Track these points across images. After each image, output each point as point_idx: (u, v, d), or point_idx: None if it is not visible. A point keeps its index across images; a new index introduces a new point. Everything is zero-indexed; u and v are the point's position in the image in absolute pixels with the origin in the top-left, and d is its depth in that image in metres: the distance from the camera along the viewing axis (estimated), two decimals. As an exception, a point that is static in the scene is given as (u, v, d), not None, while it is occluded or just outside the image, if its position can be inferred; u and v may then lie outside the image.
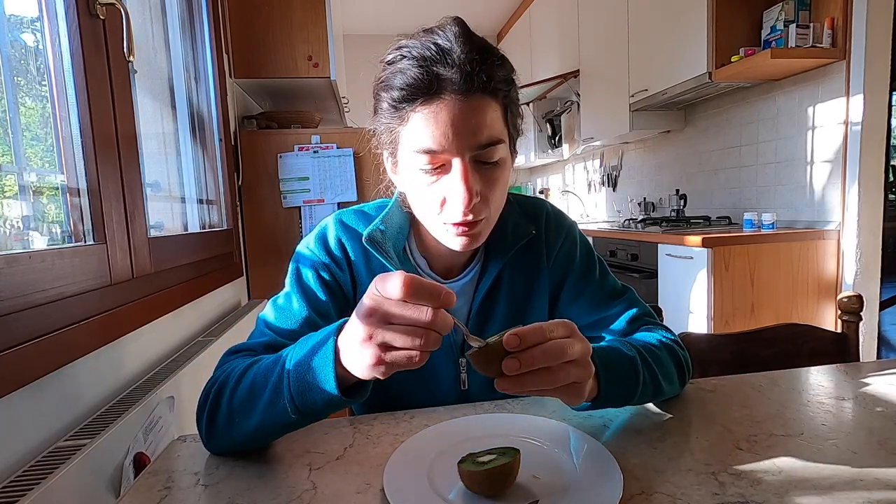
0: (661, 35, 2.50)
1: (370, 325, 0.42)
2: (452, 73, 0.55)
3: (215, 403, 0.55)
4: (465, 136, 0.56)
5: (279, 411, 0.50)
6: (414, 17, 4.64)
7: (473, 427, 0.59)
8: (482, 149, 0.58)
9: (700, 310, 2.00)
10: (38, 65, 0.84)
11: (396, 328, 0.42)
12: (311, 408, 0.49)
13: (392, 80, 0.58)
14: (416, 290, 0.41)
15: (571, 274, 0.75)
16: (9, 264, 0.64)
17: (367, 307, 0.43)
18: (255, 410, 0.51)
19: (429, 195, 0.60)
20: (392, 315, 0.42)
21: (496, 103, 0.59)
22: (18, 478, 0.60)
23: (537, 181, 5.31)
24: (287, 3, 1.97)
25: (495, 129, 0.58)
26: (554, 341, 0.45)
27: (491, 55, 0.58)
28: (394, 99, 0.58)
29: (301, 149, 1.97)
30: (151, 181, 1.26)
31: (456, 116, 0.55)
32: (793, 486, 0.45)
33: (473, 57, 0.55)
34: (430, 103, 0.56)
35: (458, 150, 0.57)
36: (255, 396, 0.51)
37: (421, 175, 0.60)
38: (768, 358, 1.01)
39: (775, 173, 2.28)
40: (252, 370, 0.54)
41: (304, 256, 0.70)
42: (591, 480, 0.47)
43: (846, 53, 1.90)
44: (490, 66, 0.57)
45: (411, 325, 0.41)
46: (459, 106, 0.56)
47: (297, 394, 0.49)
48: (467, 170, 0.57)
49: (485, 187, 0.60)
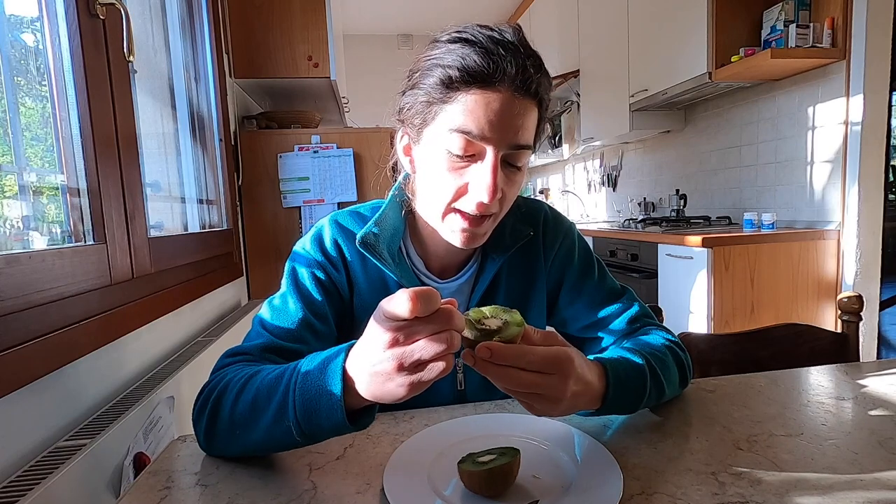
0: (661, 35, 2.50)
1: (398, 352, 0.41)
2: (514, 71, 0.56)
3: (214, 411, 0.54)
4: (508, 131, 0.57)
5: (283, 431, 0.49)
6: (414, 17, 4.64)
7: (473, 427, 0.59)
8: (516, 149, 0.59)
9: (700, 310, 2.00)
10: (38, 65, 0.84)
11: (425, 344, 0.41)
12: (316, 433, 0.48)
13: (449, 59, 0.58)
14: (426, 298, 0.40)
15: (570, 275, 0.75)
16: (9, 264, 0.64)
17: (390, 336, 0.41)
18: (258, 427, 0.50)
19: (449, 180, 0.60)
20: (418, 332, 0.41)
21: (538, 112, 0.61)
22: (18, 478, 0.60)
23: (537, 181, 5.31)
24: (287, 3, 1.97)
25: (530, 135, 0.61)
26: (523, 375, 0.45)
27: (544, 67, 0.60)
28: (448, 77, 0.57)
29: (301, 149, 1.97)
30: (151, 181, 1.26)
31: (505, 110, 0.57)
32: (793, 486, 0.45)
33: (534, 63, 0.58)
34: (485, 90, 0.57)
35: (497, 142, 0.58)
36: (259, 412, 0.50)
37: (447, 158, 0.60)
38: (768, 358, 1.01)
39: (775, 173, 2.28)
40: (254, 383, 0.52)
41: (300, 257, 0.70)
42: (591, 480, 0.47)
43: (846, 53, 1.90)
44: (543, 77, 0.59)
45: (437, 335, 0.41)
46: (512, 102, 0.57)
47: (303, 420, 0.47)
48: (498, 164, 0.58)
49: (504, 187, 0.61)
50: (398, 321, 0.41)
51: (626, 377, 0.56)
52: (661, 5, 2.49)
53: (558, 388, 0.47)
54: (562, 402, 0.48)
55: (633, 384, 0.57)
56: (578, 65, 3.51)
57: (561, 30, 3.79)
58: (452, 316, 0.41)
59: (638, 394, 0.57)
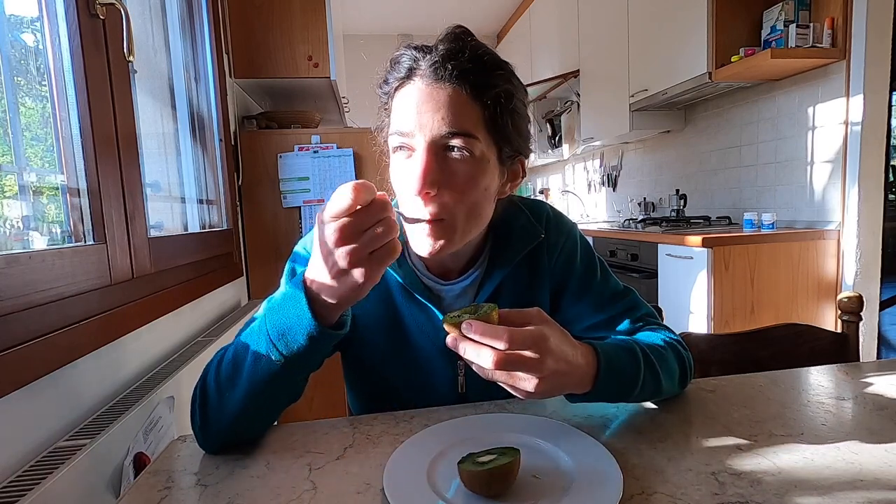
0: (661, 35, 2.50)
1: (349, 246, 0.46)
2: (426, 61, 0.59)
3: (203, 393, 0.56)
4: (431, 119, 0.57)
5: (264, 364, 0.52)
6: (414, 17, 4.64)
7: (473, 427, 0.59)
8: (448, 137, 0.57)
9: (700, 310, 2.00)
10: (38, 65, 0.84)
11: (371, 233, 0.46)
12: (294, 348, 0.51)
13: (386, 74, 0.63)
14: (365, 186, 0.45)
15: (573, 276, 0.75)
16: (9, 264, 0.64)
17: (335, 234, 0.46)
18: (242, 376, 0.53)
19: (402, 182, 0.61)
20: (362, 224, 0.45)
21: (469, 99, 0.58)
22: (18, 478, 0.60)
23: (537, 181, 5.31)
24: (287, 3, 1.97)
25: (463, 121, 0.57)
26: (500, 353, 0.46)
27: (472, 60, 0.58)
28: (383, 91, 0.64)
29: (301, 149, 1.97)
30: (151, 181, 1.26)
31: (424, 99, 0.58)
32: (793, 486, 0.45)
33: (450, 48, 0.58)
34: (403, 87, 0.61)
35: (420, 130, 0.58)
36: (240, 363, 0.54)
37: (396, 159, 0.62)
38: (768, 358, 1.01)
39: (775, 173, 2.28)
40: (232, 348, 0.56)
41: (300, 257, 0.70)
42: (591, 480, 0.47)
43: (846, 53, 1.90)
44: (464, 62, 0.57)
45: (379, 222, 0.46)
46: (426, 91, 0.58)
47: (278, 340, 0.51)
48: (429, 154, 0.57)
49: (448, 182, 0.58)
50: (341, 218, 0.45)
51: (617, 361, 0.56)
52: (661, 5, 2.49)
53: (535, 367, 0.48)
54: (542, 381, 0.48)
55: (626, 369, 0.57)
56: (578, 65, 3.51)
57: (561, 30, 3.79)
58: (387, 203, 0.46)
59: (631, 379, 0.57)
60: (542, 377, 0.48)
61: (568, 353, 0.51)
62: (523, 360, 0.47)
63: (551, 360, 0.48)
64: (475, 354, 0.47)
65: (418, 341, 0.70)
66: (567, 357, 0.51)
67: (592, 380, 0.54)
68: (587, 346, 0.56)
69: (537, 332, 0.48)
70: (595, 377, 0.54)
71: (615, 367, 0.56)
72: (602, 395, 0.56)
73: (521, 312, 0.52)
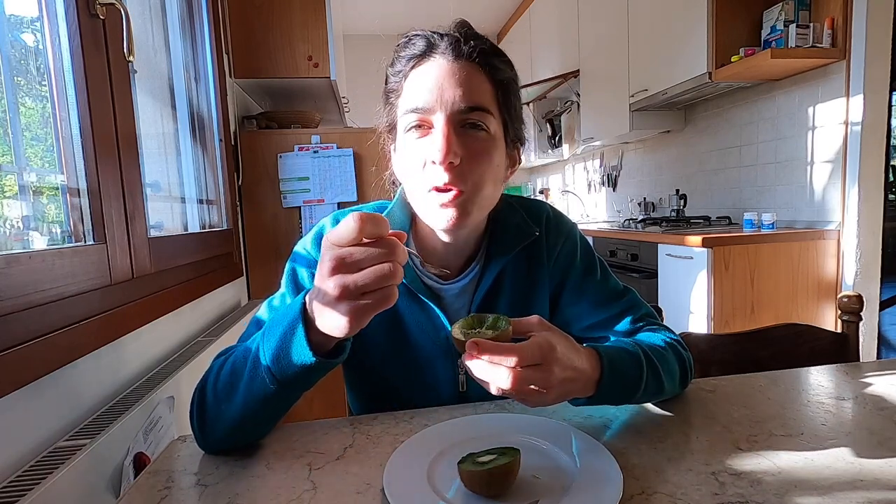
0: (661, 35, 2.50)
1: (340, 279, 0.43)
2: (444, 41, 0.61)
3: (202, 398, 0.56)
4: (449, 93, 0.59)
5: (259, 385, 0.51)
6: (414, 17, 4.64)
7: (473, 427, 0.59)
8: (467, 112, 0.59)
9: (700, 310, 2.00)
10: (38, 65, 0.84)
11: (367, 272, 0.42)
12: (288, 374, 0.50)
13: (395, 57, 0.64)
14: (373, 220, 0.42)
15: (572, 276, 0.75)
16: (9, 264, 0.64)
17: (330, 262, 0.43)
18: (238, 392, 0.53)
19: (416, 157, 0.61)
20: (362, 260, 0.42)
21: (486, 78, 0.61)
22: (18, 478, 0.60)
23: (537, 181, 5.30)
24: (287, 3, 1.97)
25: (482, 97, 0.60)
26: (511, 372, 0.46)
27: (490, 44, 0.62)
28: (395, 72, 0.64)
29: (301, 149, 1.97)
30: (151, 181, 1.26)
31: (444, 75, 0.59)
32: (793, 486, 0.45)
33: (466, 32, 0.61)
34: (420, 64, 0.61)
35: (442, 106, 0.59)
36: (237, 378, 0.53)
37: (409, 137, 0.62)
38: (768, 358, 1.01)
39: (775, 173, 2.28)
40: (231, 358, 0.56)
41: (300, 256, 0.70)
42: (591, 480, 0.47)
43: (846, 53, 1.90)
44: (482, 43, 0.61)
45: (379, 263, 0.42)
46: (447, 67, 0.59)
47: (273, 363, 0.50)
48: (449, 126, 0.58)
49: (467, 154, 0.59)
50: (343, 248, 0.43)
51: (620, 364, 0.56)
52: (661, 5, 2.49)
53: (545, 379, 0.47)
54: (551, 391, 0.48)
55: (629, 371, 0.57)
56: (578, 65, 3.51)
57: (561, 30, 3.79)
58: (396, 246, 0.43)
59: (634, 382, 0.57)
60: (552, 387, 0.48)
61: (574, 359, 0.51)
62: (534, 377, 0.47)
63: (559, 370, 0.48)
64: (488, 376, 0.47)
65: (419, 341, 0.70)
66: (574, 364, 0.51)
67: (596, 384, 0.54)
68: (590, 350, 0.56)
69: (545, 343, 0.48)
70: (599, 381, 0.54)
71: (618, 371, 0.56)
72: (606, 399, 0.56)
73: (523, 321, 0.52)
